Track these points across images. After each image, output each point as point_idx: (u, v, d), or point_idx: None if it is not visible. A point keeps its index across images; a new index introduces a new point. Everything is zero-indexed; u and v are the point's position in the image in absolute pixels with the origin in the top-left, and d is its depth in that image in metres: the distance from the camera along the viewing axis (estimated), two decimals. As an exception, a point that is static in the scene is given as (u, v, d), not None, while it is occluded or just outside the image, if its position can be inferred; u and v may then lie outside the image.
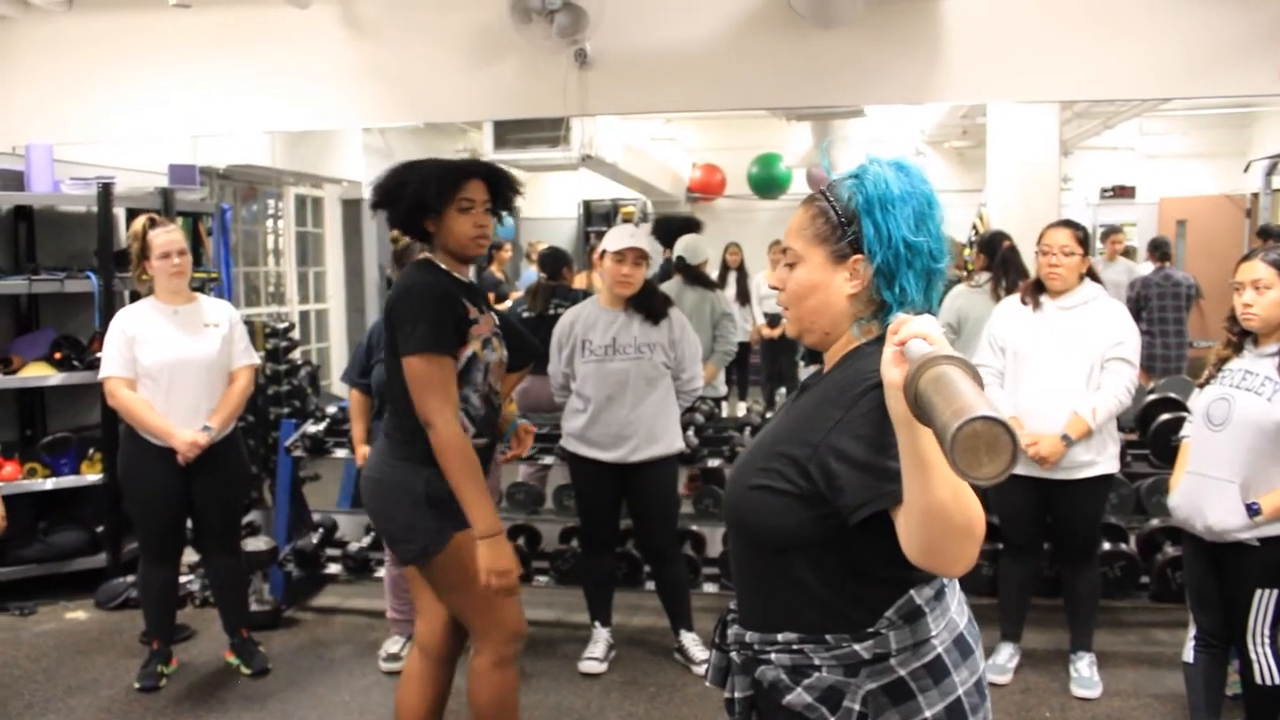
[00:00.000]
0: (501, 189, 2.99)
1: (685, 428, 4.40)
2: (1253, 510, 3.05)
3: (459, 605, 2.89)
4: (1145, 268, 8.80)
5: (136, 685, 4.08)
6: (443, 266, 2.91)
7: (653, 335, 4.09)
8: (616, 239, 4.09)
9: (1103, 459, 3.86)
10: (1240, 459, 3.08)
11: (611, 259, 4.06)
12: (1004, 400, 3.93)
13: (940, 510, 1.33)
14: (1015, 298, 4.07)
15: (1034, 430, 3.82)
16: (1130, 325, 3.90)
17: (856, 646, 1.56)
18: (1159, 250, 8.18)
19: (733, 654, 1.70)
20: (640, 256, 4.05)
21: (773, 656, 1.62)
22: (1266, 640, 3.14)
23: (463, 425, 2.80)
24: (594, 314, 4.16)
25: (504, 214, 3.07)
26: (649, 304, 4.12)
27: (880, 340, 1.54)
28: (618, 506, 4.26)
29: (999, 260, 5.04)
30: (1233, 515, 3.07)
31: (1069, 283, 3.88)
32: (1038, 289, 3.95)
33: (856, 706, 1.55)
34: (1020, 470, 3.88)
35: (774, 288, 1.75)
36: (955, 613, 1.64)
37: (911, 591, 1.56)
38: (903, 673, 1.55)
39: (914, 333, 1.34)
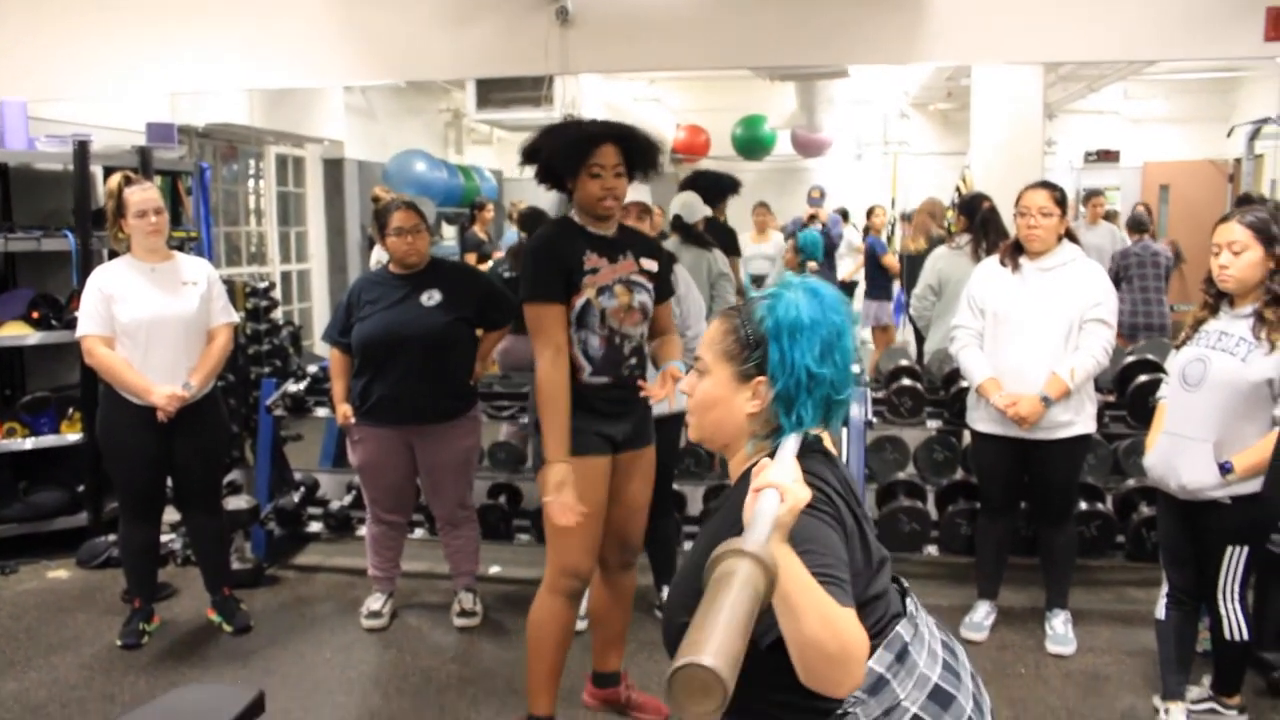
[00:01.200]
0: (637, 151, 3.15)
1: None
2: (1225, 469, 3.09)
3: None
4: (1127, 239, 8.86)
5: (119, 643, 4.09)
6: (577, 221, 3.16)
7: None
8: None
9: (1080, 419, 3.89)
10: (1214, 419, 3.12)
11: None
12: (983, 360, 3.95)
13: (814, 642, 1.37)
14: (994, 259, 4.08)
15: (1013, 390, 3.85)
16: (1107, 286, 3.91)
17: None
18: (1138, 225, 8.25)
19: None
20: (643, 210, 4.01)
21: None
22: (1236, 597, 3.19)
23: (579, 364, 3.10)
24: None
25: (644, 174, 3.24)
26: None
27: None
28: None
29: (979, 221, 5.06)
30: (1206, 474, 3.11)
31: (1047, 244, 3.88)
32: (1016, 250, 3.96)
33: None
34: (998, 430, 3.91)
35: (684, 393, 1.77)
36: (925, 667, 1.63)
37: (870, 663, 1.56)
38: None
39: (766, 484, 1.38)
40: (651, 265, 3.23)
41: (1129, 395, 4.46)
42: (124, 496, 4.14)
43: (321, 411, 5.02)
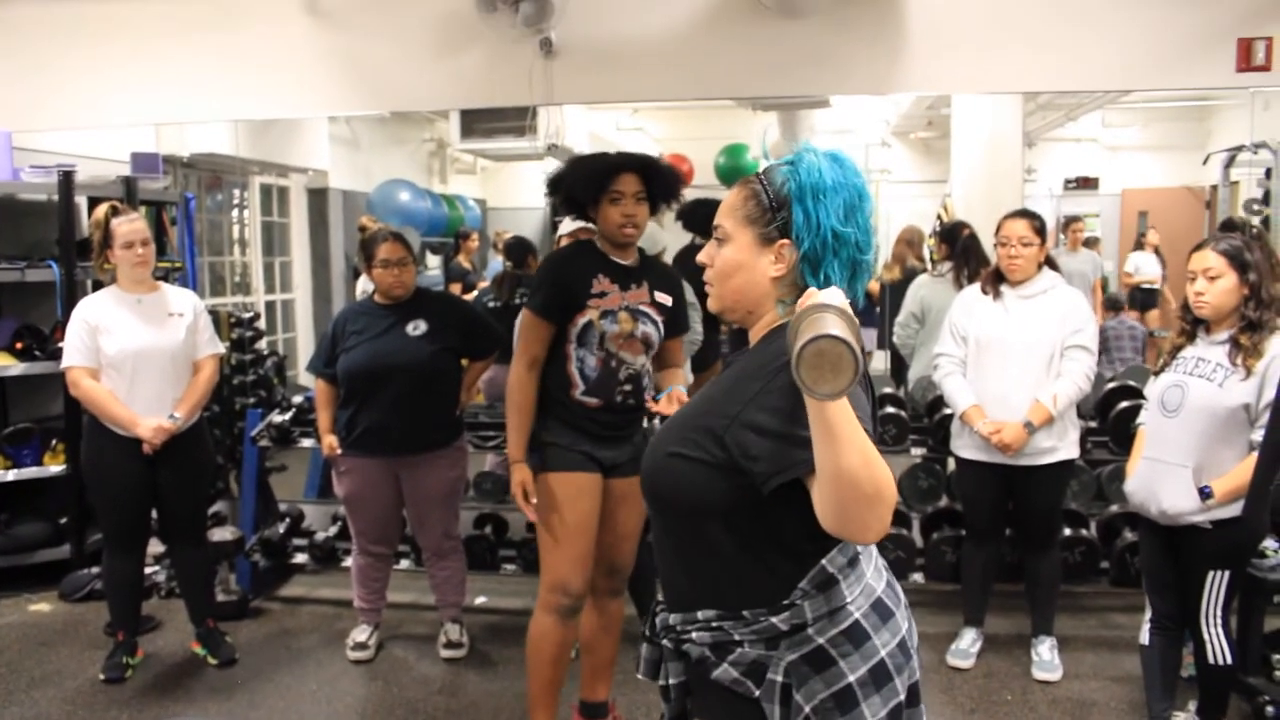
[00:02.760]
0: (659, 180, 3.25)
1: None
2: (1205, 494, 3.12)
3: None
4: (1109, 260, 9.11)
5: (101, 677, 4.06)
6: (599, 247, 3.28)
7: None
8: (571, 225, 4.13)
9: (1064, 445, 3.93)
10: (1193, 444, 3.15)
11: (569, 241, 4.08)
12: (967, 388, 3.98)
13: (850, 477, 1.36)
14: (975, 287, 4.12)
15: (996, 417, 3.88)
16: (1088, 313, 3.96)
17: (774, 619, 1.59)
18: (1113, 304, 8.60)
19: (664, 641, 1.72)
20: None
21: (694, 635, 1.65)
22: (1218, 621, 3.21)
23: (573, 380, 3.21)
24: None
25: (667, 204, 3.34)
26: None
27: None
28: None
29: (960, 249, 5.10)
30: (1186, 499, 3.14)
31: (1028, 272, 3.93)
32: (997, 278, 4.01)
33: (779, 678, 1.59)
34: (983, 457, 3.94)
35: (701, 263, 1.77)
36: (871, 578, 1.67)
37: (823, 561, 1.59)
38: (821, 640, 1.59)
39: (821, 302, 1.37)
40: (666, 299, 3.31)
41: (1110, 421, 4.49)
42: (108, 528, 4.12)
43: (307, 442, 5.01)
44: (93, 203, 4.78)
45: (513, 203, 14.07)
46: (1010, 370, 3.89)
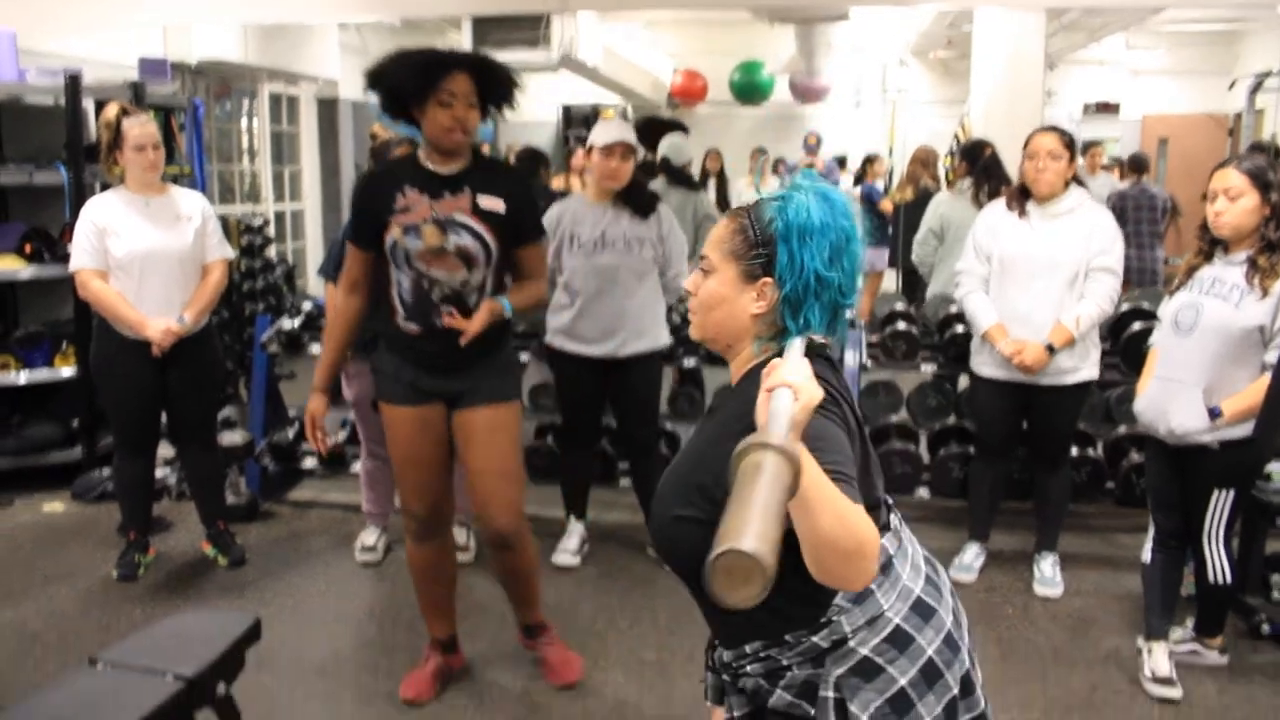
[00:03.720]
0: (493, 83, 2.95)
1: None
2: (1214, 413, 3.11)
3: None
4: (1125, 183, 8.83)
5: (114, 574, 4.12)
6: (418, 156, 3.00)
7: (641, 230, 4.06)
8: (604, 133, 4.04)
9: (1085, 366, 3.90)
10: (1205, 364, 3.13)
11: (599, 153, 4.01)
12: (989, 306, 3.93)
13: (829, 540, 1.35)
14: (1000, 203, 4.03)
15: (1018, 336, 3.84)
16: (1115, 234, 3.88)
17: (814, 639, 1.59)
18: (1136, 165, 8.17)
19: (724, 676, 1.73)
20: (628, 150, 4.00)
21: (748, 668, 1.66)
22: (1221, 540, 3.23)
23: (395, 306, 2.99)
24: (581, 209, 4.12)
25: (497, 108, 3.02)
26: (637, 199, 4.08)
27: None
28: (601, 403, 4.29)
29: (980, 167, 5.04)
30: (1195, 418, 3.13)
31: (1054, 187, 3.84)
32: (1023, 195, 3.92)
33: (831, 694, 1.59)
34: (1002, 375, 3.91)
35: (687, 291, 1.75)
36: (909, 579, 1.66)
37: None
38: (865, 651, 1.59)
39: (780, 382, 1.36)
40: (494, 205, 2.98)
41: (1122, 343, 4.46)
42: (119, 430, 4.15)
43: (316, 348, 5.01)
44: (99, 107, 4.72)
45: (525, 117, 13.91)
46: (1033, 289, 3.83)
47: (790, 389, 1.35)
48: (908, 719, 1.59)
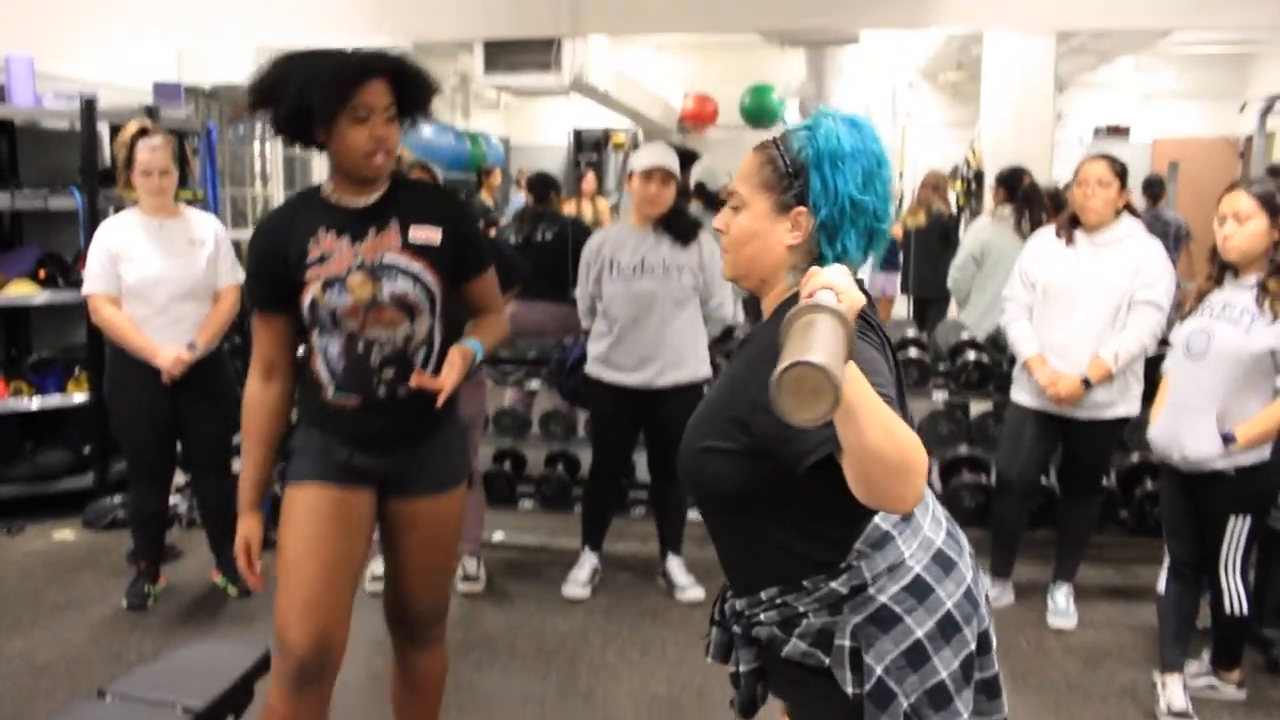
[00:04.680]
0: (412, 90, 2.39)
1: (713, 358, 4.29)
2: (1228, 439, 3.09)
3: None
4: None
5: (124, 604, 4.11)
6: (322, 191, 2.41)
7: (681, 257, 4.02)
8: (644, 158, 4.02)
9: (1124, 401, 3.85)
10: (1217, 389, 3.12)
11: (639, 179, 4.00)
12: (1031, 334, 3.89)
13: (875, 453, 1.32)
14: (1050, 230, 3.97)
15: (1056, 368, 3.80)
16: (1165, 267, 3.78)
17: (833, 584, 1.57)
18: (1151, 189, 8.14)
19: (734, 628, 1.72)
20: (667, 175, 3.98)
21: (762, 616, 1.64)
22: (1237, 569, 3.20)
23: (321, 379, 2.40)
24: (623, 234, 4.11)
25: (412, 121, 2.46)
26: (678, 225, 4.05)
27: None
28: (635, 436, 4.25)
29: (1021, 196, 5.03)
30: (1209, 445, 3.11)
31: (1104, 215, 3.77)
32: (1073, 223, 3.85)
33: (847, 642, 1.57)
34: (1039, 405, 3.87)
35: (717, 229, 1.73)
36: (929, 529, 1.65)
37: (876, 519, 1.58)
38: (884, 599, 1.57)
39: (821, 284, 1.33)
40: (429, 237, 2.38)
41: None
42: (132, 459, 4.14)
43: (327, 375, 5.00)
44: (114, 130, 4.74)
45: (536, 141, 13.98)
46: (1073, 320, 3.77)
47: (832, 290, 1.32)
48: (922, 673, 1.56)
